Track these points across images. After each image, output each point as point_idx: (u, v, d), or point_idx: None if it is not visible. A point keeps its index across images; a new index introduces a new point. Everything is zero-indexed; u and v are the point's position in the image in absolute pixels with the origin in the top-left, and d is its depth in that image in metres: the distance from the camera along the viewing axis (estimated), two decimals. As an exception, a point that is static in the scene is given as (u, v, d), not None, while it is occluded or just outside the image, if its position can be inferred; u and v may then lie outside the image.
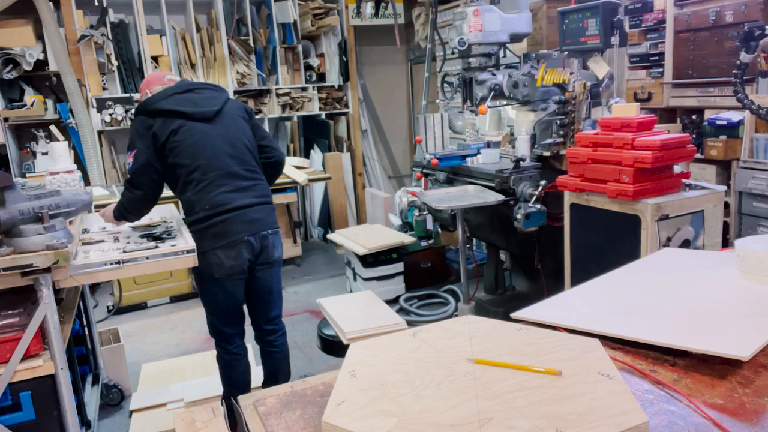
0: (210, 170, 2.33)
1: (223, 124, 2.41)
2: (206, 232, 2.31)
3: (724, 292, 1.30)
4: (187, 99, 2.39)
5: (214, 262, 2.33)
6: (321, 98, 5.82)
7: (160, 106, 2.34)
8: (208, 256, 2.31)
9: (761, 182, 3.08)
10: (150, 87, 2.50)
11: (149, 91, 2.48)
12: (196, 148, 2.33)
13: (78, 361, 2.71)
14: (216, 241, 2.32)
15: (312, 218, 6.17)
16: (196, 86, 2.47)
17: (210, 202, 2.31)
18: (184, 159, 2.32)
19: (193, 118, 2.35)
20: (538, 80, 2.93)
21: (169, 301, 4.52)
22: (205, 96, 2.44)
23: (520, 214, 2.75)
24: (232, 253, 2.33)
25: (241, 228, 2.35)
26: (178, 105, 2.35)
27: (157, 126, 2.32)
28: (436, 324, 1.23)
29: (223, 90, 2.55)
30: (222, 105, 2.44)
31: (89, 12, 4.80)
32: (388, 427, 0.87)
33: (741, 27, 2.94)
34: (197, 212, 2.32)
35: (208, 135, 2.36)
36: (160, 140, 2.32)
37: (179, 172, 2.35)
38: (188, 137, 2.32)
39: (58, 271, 1.94)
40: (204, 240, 2.31)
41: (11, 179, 1.87)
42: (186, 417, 1.07)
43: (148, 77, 2.59)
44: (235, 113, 2.49)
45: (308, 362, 3.44)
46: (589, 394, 0.92)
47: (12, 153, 4.63)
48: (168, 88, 2.42)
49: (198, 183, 2.32)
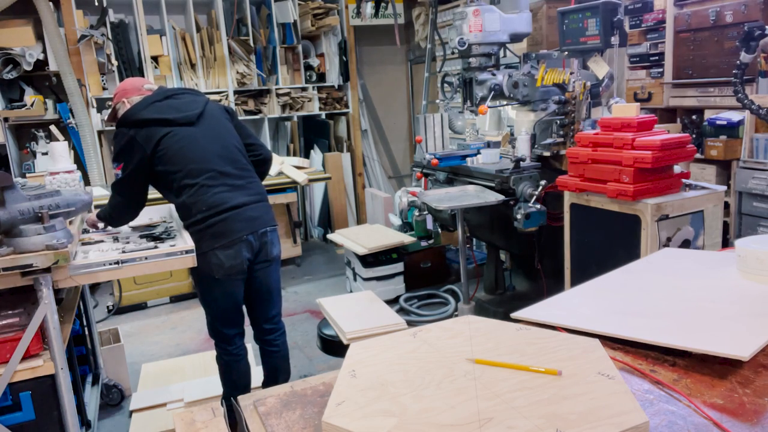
0: (202, 172, 2.31)
1: (208, 126, 2.40)
2: (205, 233, 2.30)
3: (724, 292, 1.30)
4: (167, 106, 2.36)
5: (214, 262, 2.32)
6: (321, 98, 5.82)
7: (142, 116, 2.31)
8: (208, 256, 2.31)
9: (761, 182, 3.08)
10: (127, 96, 2.45)
11: (126, 101, 2.44)
12: (185, 153, 2.31)
13: (78, 361, 2.71)
14: (215, 240, 2.30)
15: (312, 218, 6.17)
16: (174, 92, 2.46)
17: (206, 203, 2.30)
18: (174, 165, 2.31)
19: (177, 124, 2.33)
20: (538, 80, 2.93)
21: (169, 301, 4.52)
22: (185, 101, 2.42)
23: (520, 214, 2.75)
24: (231, 253, 2.32)
25: (241, 226, 2.34)
26: (159, 113, 2.32)
27: (141, 137, 2.29)
28: (436, 324, 1.23)
29: (201, 93, 2.55)
30: (203, 107, 2.43)
31: (89, 12, 4.80)
32: (388, 427, 0.87)
33: (741, 27, 2.94)
34: (194, 215, 2.31)
35: (194, 138, 2.34)
36: (146, 151, 2.28)
37: (171, 179, 2.33)
38: (175, 143, 2.31)
39: (58, 271, 1.94)
40: (203, 241, 2.30)
41: (11, 179, 1.87)
42: (186, 417, 1.07)
43: (125, 84, 2.52)
44: (217, 114, 2.48)
45: (308, 362, 3.44)
46: (589, 394, 0.92)
47: (12, 153, 4.62)
48: (146, 98, 2.39)
49: (192, 187, 2.30)
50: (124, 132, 2.32)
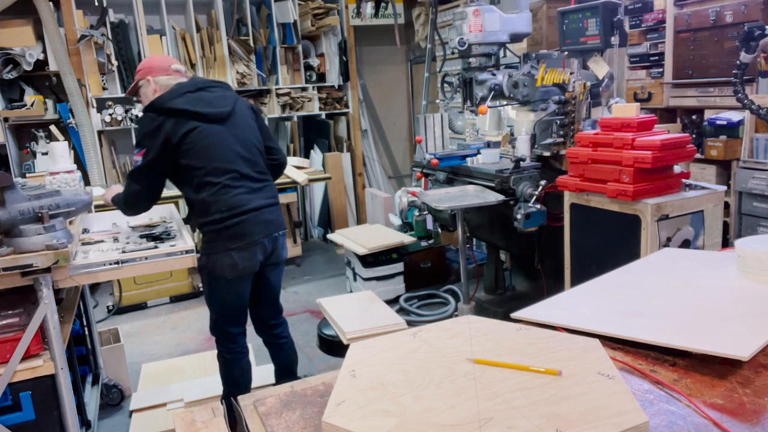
0: (225, 172, 2.29)
1: (235, 125, 2.37)
2: (222, 234, 2.29)
3: (724, 292, 1.30)
4: (200, 99, 2.31)
5: (228, 263, 2.31)
6: (321, 98, 5.82)
7: (174, 105, 2.25)
8: (222, 257, 2.30)
9: (761, 182, 3.08)
10: (153, 74, 2.39)
11: (152, 79, 2.38)
12: (211, 150, 2.28)
13: (78, 361, 2.71)
14: (232, 242, 2.30)
15: (312, 218, 6.17)
16: (207, 84, 2.40)
17: (227, 203, 2.28)
18: (198, 161, 2.27)
19: (208, 120, 2.29)
20: (538, 80, 2.92)
21: (169, 301, 4.52)
22: (217, 95, 2.38)
23: (520, 214, 2.75)
24: (246, 255, 2.33)
25: (258, 229, 2.34)
26: (192, 105, 2.28)
27: (170, 126, 2.23)
28: (436, 324, 1.23)
29: (230, 88, 2.51)
30: (233, 105, 2.40)
31: (89, 12, 4.80)
32: (388, 427, 0.87)
33: (741, 27, 2.94)
34: (212, 214, 2.28)
35: (222, 137, 2.31)
36: (172, 141, 2.23)
37: (193, 174, 2.29)
38: (203, 139, 2.27)
39: (58, 271, 1.94)
40: (218, 241, 2.30)
41: (11, 179, 1.87)
42: (186, 417, 1.07)
43: (151, 62, 2.45)
44: (244, 113, 2.46)
45: (308, 362, 3.44)
46: (589, 394, 0.92)
47: (12, 153, 4.62)
48: (181, 86, 2.33)
49: (214, 185, 2.28)
50: (153, 117, 2.25)
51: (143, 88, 2.42)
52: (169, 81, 2.39)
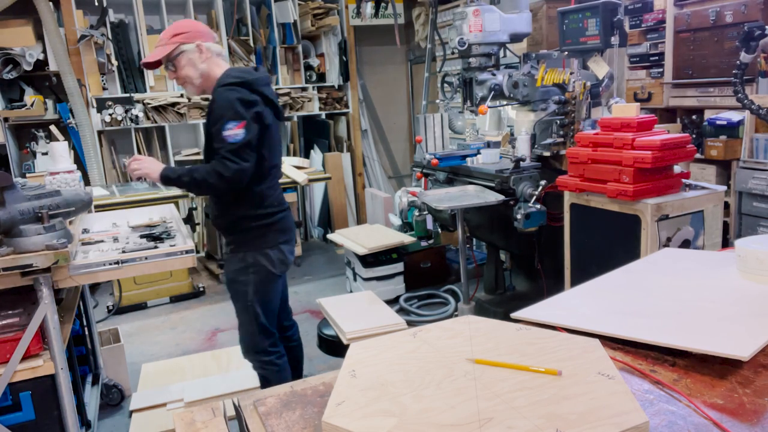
0: (276, 168, 2.36)
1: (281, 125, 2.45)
2: (272, 227, 2.32)
3: (724, 292, 1.30)
4: (274, 95, 2.32)
5: (278, 257, 2.33)
6: (321, 98, 5.82)
7: (265, 92, 2.20)
8: (272, 252, 2.31)
9: (761, 182, 3.08)
10: (203, 39, 2.21)
11: (204, 45, 2.20)
12: (274, 145, 2.32)
13: (78, 361, 2.71)
14: (282, 235, 2.34)
15: (312, 218, 6.17)
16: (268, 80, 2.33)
17: (278, 198, 2.36)
18: (267, 152, 2.25)
19: (279, 118, 2.36)
20: (538, 80, 2.93)
21: (169, 301, 4.52)
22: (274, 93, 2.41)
23: (520, 214, 2.75)
24: (291, 248, 2.41)
25: (294, 224, 2.46)
26: (275, 98, 2.31)
27: (261, 109, 2.16)
28: (436, 324, 1.23)
29: None
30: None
31: (89, 12, 4.80)
32: (388, 427, 0.87)
33: (741, 27, 2.94)
34: (266, 207, 2.29)
35: (278, 134, 2.38)
36: (263, 122, 2.18)
37: (262, 164, 2.24)
38: (275, 132, 2.32)
39: (58, 271, 1.94)
40: (269, 235, 2.30)
41: (11, 179, 1.87)
42: (186, 417, 1.07)
43: (197, 26, 2.26)
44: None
45: (308, 362, 3.43)
46: (589, 394, 0.92)
47: (12, 153, 4.62)
48: (260, 74, 2.25)
49: (272, 179, 2.33)
50: (245, 92, 2.13)
51: (187, 54, 2.18)
52: (221, 51, 2.29)
